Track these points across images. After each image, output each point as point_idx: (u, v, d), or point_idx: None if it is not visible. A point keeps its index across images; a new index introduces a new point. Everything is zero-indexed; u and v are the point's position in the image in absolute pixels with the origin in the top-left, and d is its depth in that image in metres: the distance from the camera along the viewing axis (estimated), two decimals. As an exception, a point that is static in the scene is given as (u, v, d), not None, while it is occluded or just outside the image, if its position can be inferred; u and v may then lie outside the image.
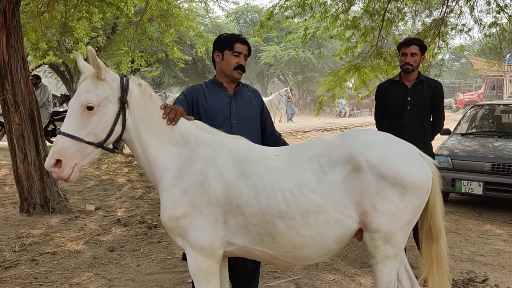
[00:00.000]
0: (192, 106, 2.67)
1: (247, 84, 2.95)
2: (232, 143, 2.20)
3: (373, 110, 4.54)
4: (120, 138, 2.12)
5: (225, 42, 2.70)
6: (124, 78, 2.11)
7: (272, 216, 2.01)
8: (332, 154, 2.08)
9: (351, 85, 10.24)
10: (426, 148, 3.69)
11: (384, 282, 2.11)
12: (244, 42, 2.71)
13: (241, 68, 2.69)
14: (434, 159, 3.83)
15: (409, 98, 3.74)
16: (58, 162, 1.95)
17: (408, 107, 3.74)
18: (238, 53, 2.66)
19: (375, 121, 4.15)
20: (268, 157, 2.13)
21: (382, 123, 3.98)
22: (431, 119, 3.88)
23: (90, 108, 2.00)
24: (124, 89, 2.07)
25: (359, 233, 2.12)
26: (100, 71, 2.02)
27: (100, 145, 2.04)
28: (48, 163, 1.95)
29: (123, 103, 2.07)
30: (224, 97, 2.72)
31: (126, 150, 2.44)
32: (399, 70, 7.66)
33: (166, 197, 2.12)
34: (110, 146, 2.13)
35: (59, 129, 2.05)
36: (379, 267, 2.11)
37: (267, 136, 2.90)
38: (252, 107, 2.79)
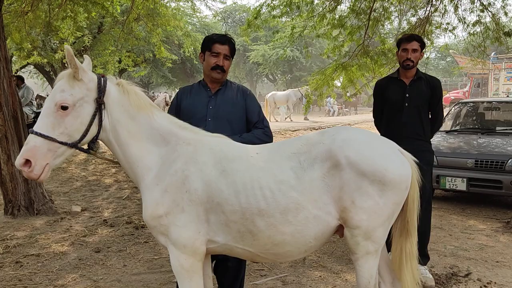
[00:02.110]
0: (180, 107, 2.80)
1: (237, 84, 2.95)
2: (213, 141, 2.20)
3: (358, 108, 4.55)
4: (96, 139, 2.12)
5: (205, 44, 2.76)
6: (102, 79, 2.10)
7: (252, 213, 2.02)
8: (311, 151, 2.09)
9: (339, 84, 10.31)
10: (425, 145, 3.68)
11: (365, 277, 2.13)
12: (223, 42, 2.70)
13: (219, 68, 2.70)
14: (433, 156, 3.77)
15: (407, 95, 3.68)
16: (28, 161, 1.94)
17: (406, 104, 3.68)
18: (216, 53, 2.69)
19: (373, 119, 4.10)
20: (248, 155, 2.14)
21: (381, 121, 3.95)
22: (430, 116, 3.83)
23: (64, 108, 1.99)
24: (101, 90, 2.06)
25: (340, 230, 2.14)
26: (77, 71, 2.00)
27: (74, 145, 2.03)
28: (18, 162, 1.95)
29: (99, 104, 2.06)
30: (205, 96, 2.79)
31: (108, 152, 2.42)
32: (386, 68, 7.66)
33: (147, 196, 2.12)
34: (86, 146, 2.13)
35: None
36: (360, 263, 2.13)
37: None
38: (233, 105, 2.78)
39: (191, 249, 2.06)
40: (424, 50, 3.78)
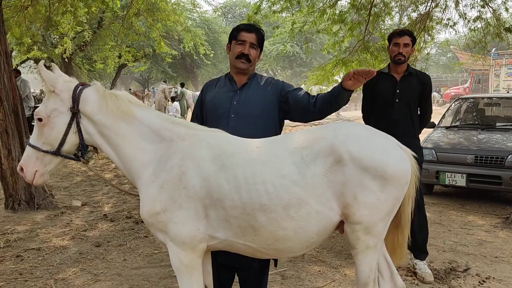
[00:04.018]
0: (204, 101, 2.67)
1: (267, 77, 2.72)
2: (209, 136, 2.18)
3: (358, 104, 4.51)
4: (82, 147, 2.19)
5: (232, 33, 2.60)
6: (79, 88, 2.15)
7: (253, 209, 2.00)
8: (313, 147, 2.07)
9: (339, 80, 10.30)
10: (414, 141, 3.65)
11: (365, 271, 2.13)
12: (250, 30, 2.54)
13: (244, 57, 2.52)
14: (422, 152, 3.72)
15: (397, 91, 3.66)
16: (22, 168, 2.18)
17: (397, 100, 3.66)
18: (241, 41, 2.53)
19: (362, 114, 4.07)
20: (248, 149, 2.11)
21: (370, 116, 3.91)
22: (419, 113, 3.82)
23: (39, 119, 2.13)
24: (74, 99, 2.12)
25: (340, 226, 2.13)
26: (46, 84, 2.11)
27: (56, 153, 2.15)
28: (18, 168, 2.20)
29: (74, 113, 2.13)
30: (229, 91, 2.60)
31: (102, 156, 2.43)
32: (386, 64, 7.68)
33: (144, 193, 2.11)
34: (79, 153, 2.23)
35: None
36: (359, 257, 2.13)
37: (304, 113, 2.55)
38: (261, 101, 2.56)
39: (190, 245, 2.05)
40: (415, 45, 3.74)
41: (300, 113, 2.57)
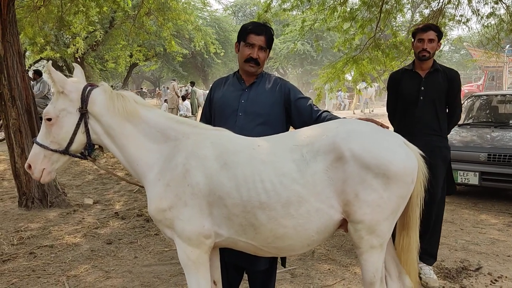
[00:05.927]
0: (212, 100, 2.68)
1: (275, 76, 2.73)
2: (213, 134, 2.19)
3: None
4: (89, 146, 2.23)
5: (241, 33, 2.57)
6: (88, 88, 2.18)
7: (253, 207, 2.00)
8: (314, 144, 2.05)
9: (350, 78, 10.23)
10: (441, 141, 3.52)
11: (370, 271, 2.11)
12: (259, 32, 2.51)
13: (253, 61, 2.52)
14: (449, 153, 3.58)
15: (422, 88, 3.51)
16: (30, 166, 2.21)
17: (421, 98, 3.50)
18: (250, 44, 2.51)
19: (387, 113, 3.95)
20: (250, 148, 2.11)
21: (395, 115, 3.79)
22: (447, 111, 3.63)
23: (49, 119, 2.16)
24: (83, 100, 2.15)
25: (344, 224, 2.11)
26: (55, 85, 2.14)
27: (64, 152, 2.19)
28: (25, 165, 2.23)
29: (82, 114, 2.16)
30: (238, 90, 2.61)
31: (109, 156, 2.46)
32: (397, 62, 7.54)
33: (151, 191, 2.14)
34: (85, 152, 2.26)
35: None
36: (364, 257, 2.10)
37: (304, 125, 2.45)
38: (269, 100, 2.57)
39: (196, 241, 2.07)
40: (441, 40, 3.57)
41: (300, 124, 2.53)
